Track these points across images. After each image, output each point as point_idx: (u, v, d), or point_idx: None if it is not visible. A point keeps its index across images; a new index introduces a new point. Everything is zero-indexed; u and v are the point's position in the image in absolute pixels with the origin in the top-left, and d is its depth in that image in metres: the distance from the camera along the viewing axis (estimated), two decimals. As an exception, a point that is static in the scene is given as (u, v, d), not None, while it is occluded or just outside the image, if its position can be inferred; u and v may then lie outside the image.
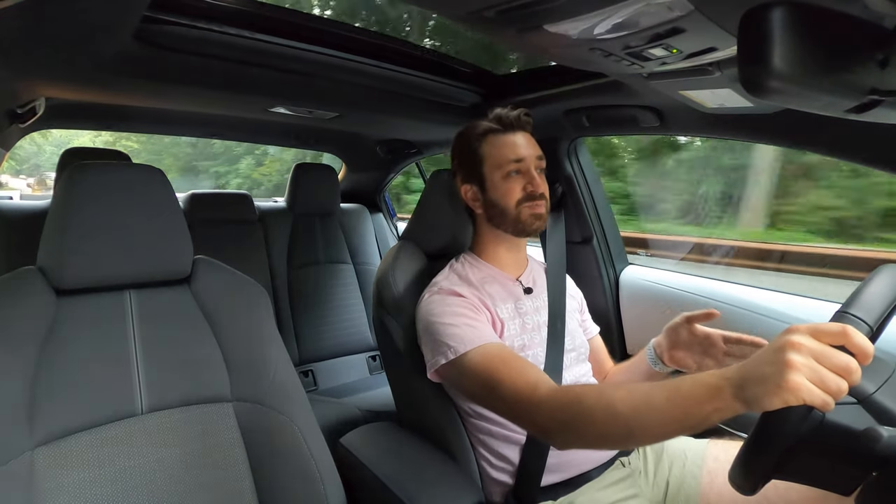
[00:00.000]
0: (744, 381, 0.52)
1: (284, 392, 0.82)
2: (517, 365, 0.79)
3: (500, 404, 0.80)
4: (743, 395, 0.52)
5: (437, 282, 0.98)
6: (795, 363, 0.47)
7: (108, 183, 0.76)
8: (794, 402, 0.47)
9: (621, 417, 0.62)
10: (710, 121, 1.05)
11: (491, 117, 0.99)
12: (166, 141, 11.76)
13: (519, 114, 0.98)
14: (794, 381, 0.47)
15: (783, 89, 0.42)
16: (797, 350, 0.48)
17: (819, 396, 0.47)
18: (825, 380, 0.47)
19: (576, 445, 0.74)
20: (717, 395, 0.54)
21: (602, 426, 0.64)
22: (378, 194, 2.44)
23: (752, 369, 0.52)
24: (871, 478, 0.50)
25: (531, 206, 0.95)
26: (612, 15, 0.64)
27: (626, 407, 0.62)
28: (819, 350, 0.48)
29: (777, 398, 0.48)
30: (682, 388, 0.58)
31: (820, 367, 0.47)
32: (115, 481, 0.68)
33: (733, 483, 0.56)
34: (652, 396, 0.60)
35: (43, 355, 0.68)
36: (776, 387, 0.48)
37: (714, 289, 1.28)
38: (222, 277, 0.86)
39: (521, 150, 0.96)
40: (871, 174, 2.42)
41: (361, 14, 6.86)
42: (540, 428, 0.74)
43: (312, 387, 1.84)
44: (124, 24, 0.80)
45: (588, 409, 0.65)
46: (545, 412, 0.71)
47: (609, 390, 0.65)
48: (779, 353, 0.49)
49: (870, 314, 0.55)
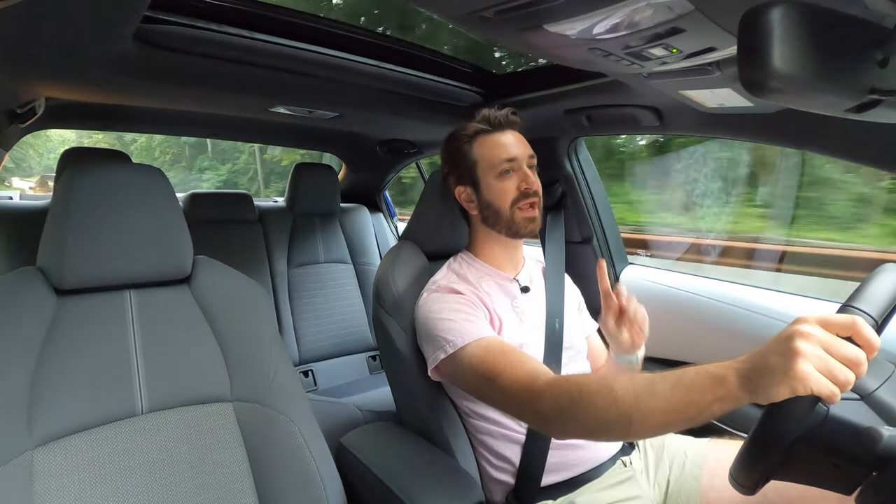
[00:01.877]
0: (751, 371, 0.51)
1: (284, 392, 0.82)
2: (516, 356, 0.79)
3: (500, 395, 0.78)
4: (749, 385, 0.51)
5: (436, 280, 0.98)
6: (804, 351, 0.47)
7: (108, 183, 0.76)
8: (801, 391, 0.47)
9: (622, 404, 0.61)
10: (709, 120, 1.05)
11: (479, 118, 0.99)
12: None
13: (506, 113, 0.98)
14: (802, 369, 0.46)
15: (783, 89, 0.42)
16: (806, 339, 0.48)
17: (827, 386, 0.46)
18: (833, 370, 0.46)
19: (575, 434, 0.72)
20: (720, 384, 0.53)
21: (602, 413, 0.63)
22: (378, 194, 2.44)
23: (759, 359, 0.51)
24: (872, 478, 0.50)
25: (524, 207, 0.95)
26: (612, 15, 0.64)
27: (627, 393, 0.61)
28: (828, 340, 0.48)
29: (785, 387, 0.48)
30: (685, 376, 0.57)
31: (828, 357, 0.47)
32: (114, 481, 0.68)
33: (734, 481, 0.56)
34: (654, 384, 0.60)
35: (43, 355, 0.68)
36: (784, 375, 0.47)
37: (714, 289, 1.28)
38: (222, 277, 0.86)
39: (512, 149, 0.96)
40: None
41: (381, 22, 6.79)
42: (540, 417, 0.73)
43: (312, 387, 1.84)
44: (124, 24, 0.80)
45: (588, 395, 0.65)
46: (546, 400, 0.70)
47: (611, 377, 0.65)
48: (787, 343, 0.49)
49: (875, 308, 0.54)
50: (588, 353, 1.08)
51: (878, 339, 0.48)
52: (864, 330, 0.48)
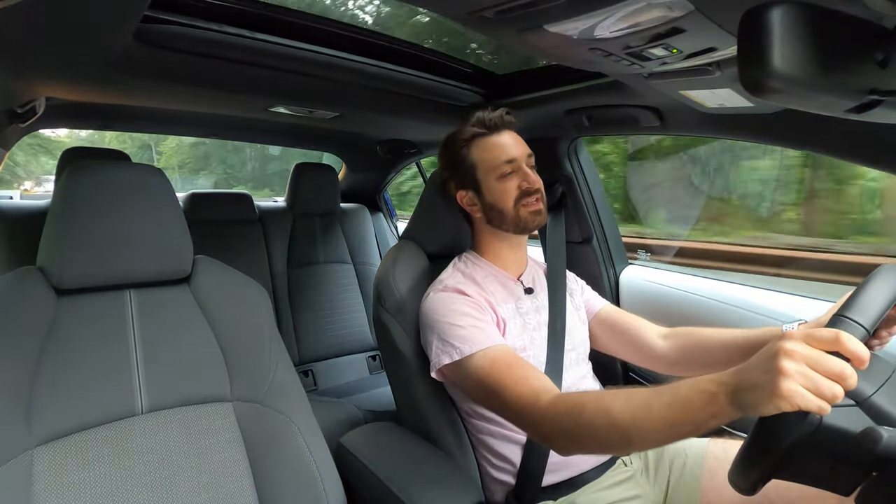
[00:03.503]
0: (738, 389, 0.52)
1: (284, 392, 0.82)
2: (521, 371, 0.79)
3: (503, 411, 0.81)
4: (738, 401, 0.52)
5: (443, 279, 0.98)
6: (788, 370, 0.47)
7: (108, 183, 0.76)
8: (788, 408, 0.47)
9: (621, 426, 0.63)
10: (710, 121, 1.05)
11: (473, 121, 0.99)
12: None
13: (501, 113, 0.98)
14: (786, 388, 0.47)
15: (783, 89, 0.42)
16: (790, 357, 0.48)
17: (814, 402, 0.46)
18: (819, 386, 0.47)
19: (577, 452, 0.75)
20: (712, 400, 0.54)
21: (602, 435, 0.65)
22: (378, 194, 2.44)
23: (745, 376, 0.52)
24: (871, 478, 0.50)
25: (528, 203, 0.95)
26: (612, 15, 0.64)
27: (625, 415, 0.62)
28: (812, 356, 0.48)
29: (771, 405, 0.48)
30: (679, 394, 0.58)
31: (813, 374, 0.47)
32: (114, 481, 0.68)
33: (733, 483, 0.56)
34: (651, 404, 0.61)
35: (43, 355, 0.68)
36: (769, 394, 0.48)
37: (714, 289, 1.28)
38: (222, 277, 0.86)
39: (510, 150, 0.96)
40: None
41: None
42: (542, 435, 0.75)
43: (312, 387, 1.84)
44: (124, 24, 0.80)
45: (588, 419, 0.66)
46: (546, 421, 0.72)
47: (608, 399, 0.66)
48: (771, 361, 0.49)
49: (866, 317, 0.55)
50: (614, 325, 1.07)
51: (866, 349, 0.48)
52: (848, 344, 0.48)
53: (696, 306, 1.28)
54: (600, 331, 1.09)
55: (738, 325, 1.17)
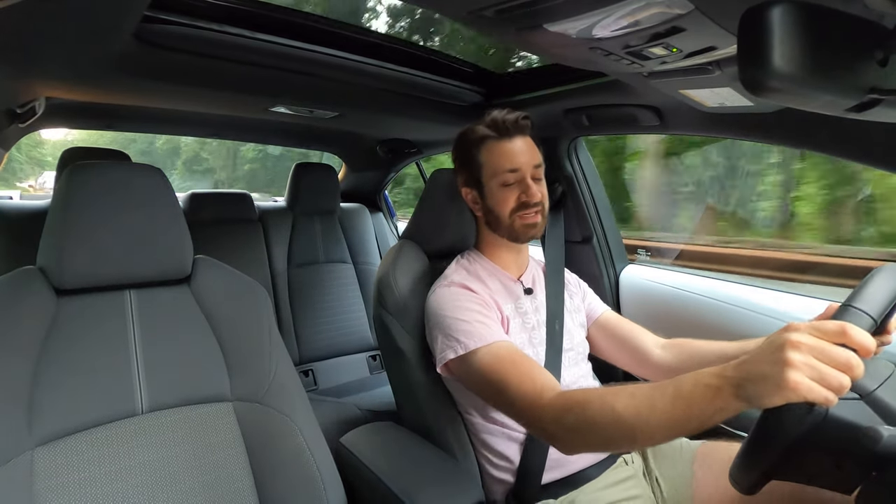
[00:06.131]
0: (743, 381, 0.52)
1: (284, 392, 0.82)
2: (525, 368, 0.79)
3: (506, 407, 0.81)
4: (743, 394, 0.51)
5: (448, 275, 0.98)
6: (795, 362, 0.47)
7: (108, 183, 0.76)
8: (794, 399, 0.47)
9: (625, 422, 0.62)
10: (710, 120, 1.05)
11: (488, 121, 0.96)
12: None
13: (517, 118, 0.95)
14: (793, 379, 0.47)
15: (783, 88, 0.42)
16: (796, 348, 0.48)
17: (820, 393, 0.46)
18: (826, 377, 0.47)
19: (581, 450, 0.75)
20: (717, 394, 0.54)
21: (606, 432, 0.65)
22: (378, 194, 2.44)
23: (751, 368, 0.52)
24: (872, 477, 0.50)
25: (524, 216, 0.94)
26: (612, 14, 0.64)
27: (628, 412, 0.62)
28: (819, 347, 0.48)
29: (777, 396, 0.48)
30: (683, 389, 0.58)
31: (820, 364, 0.47)
32: (115, 481, 0.68)
33: (733, 481, 0.56)
34: (654, 400, 0.60)
35: (43, 355, 0.68)
36: (776, 386, 0.48)
37: (714, 288, 1.28)
38: (222, 277, 0.86)
39: (517, 159, 0.94)
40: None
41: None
42: (545, 432, 0.75)
43: (312, 386, 1.84)
44: (124, 24, 0.80)
45: (591, 416, 0.66)
46: (549, 419, 0.72)
47: (612, 395, 0.65)
48: (778, 352, 0.49)
49: (873, 307, 0.55)
50: (613, 332, 1.07)
51: (872, 339, 0.48)
52: (854, 334, 0.48)
53: (696, 306, 1.28)
54: (599, 336, 1.09)
55: (738, 325, 1.17)
